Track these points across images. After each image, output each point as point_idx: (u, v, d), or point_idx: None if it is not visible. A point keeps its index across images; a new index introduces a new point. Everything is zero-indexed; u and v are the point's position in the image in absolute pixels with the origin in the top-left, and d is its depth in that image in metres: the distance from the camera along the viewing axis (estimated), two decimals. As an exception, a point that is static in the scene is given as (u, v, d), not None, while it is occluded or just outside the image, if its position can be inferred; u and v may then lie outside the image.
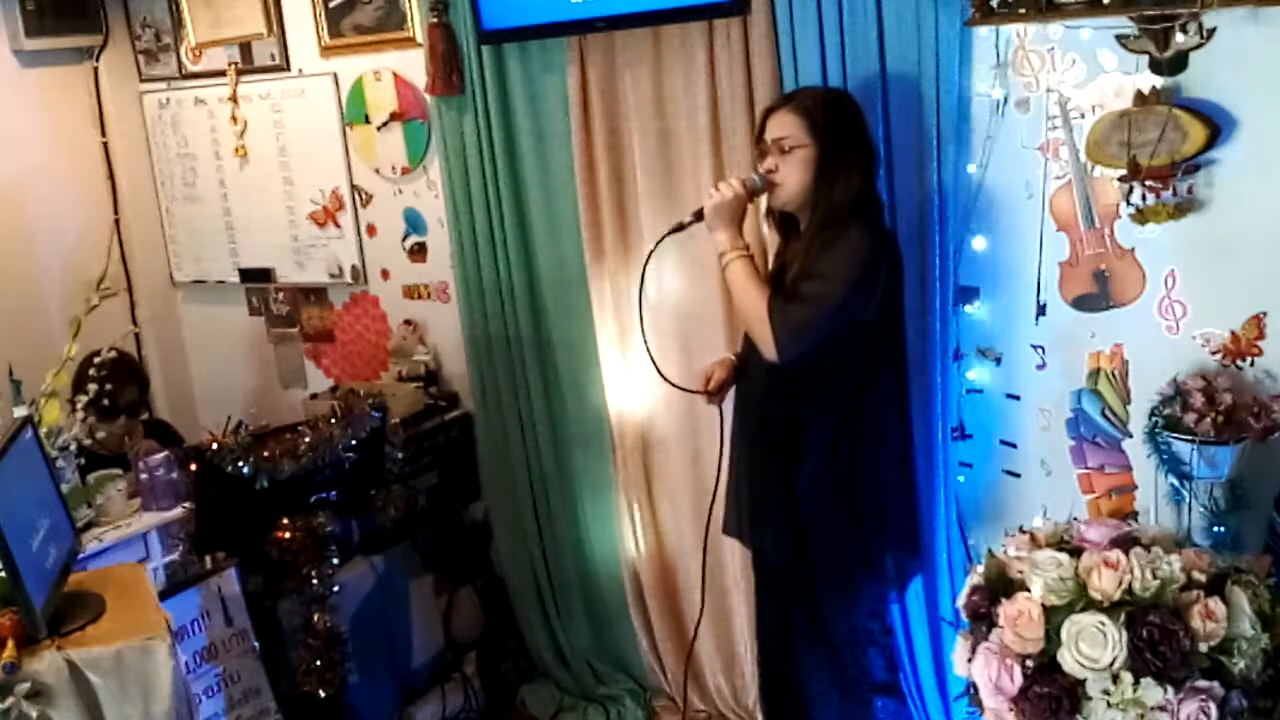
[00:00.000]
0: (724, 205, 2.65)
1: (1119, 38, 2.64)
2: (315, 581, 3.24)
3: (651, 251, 2.87)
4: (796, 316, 2.55)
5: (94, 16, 4.29)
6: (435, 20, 3.55)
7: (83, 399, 2.98)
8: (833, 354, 2.59)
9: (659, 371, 2.91)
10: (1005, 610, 2.25)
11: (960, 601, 2.42)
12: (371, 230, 4.10)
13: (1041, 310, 2.91)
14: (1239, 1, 2.41)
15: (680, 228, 2.80)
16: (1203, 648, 2.13)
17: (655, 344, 2.93)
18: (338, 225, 4.14)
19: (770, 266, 2.91)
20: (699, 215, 2.72)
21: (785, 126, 2.64)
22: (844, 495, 2.69)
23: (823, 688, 2.81)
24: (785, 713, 2.94)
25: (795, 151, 2.63)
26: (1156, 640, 2.10)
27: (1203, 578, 2.21)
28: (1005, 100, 2.84)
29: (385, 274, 4.13)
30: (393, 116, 3.89)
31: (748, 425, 2.84)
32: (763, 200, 2.82)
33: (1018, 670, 2.21)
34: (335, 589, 3.30)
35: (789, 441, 2.68)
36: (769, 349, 2.57)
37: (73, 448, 2.95)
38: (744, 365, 2.85)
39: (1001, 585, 2.32)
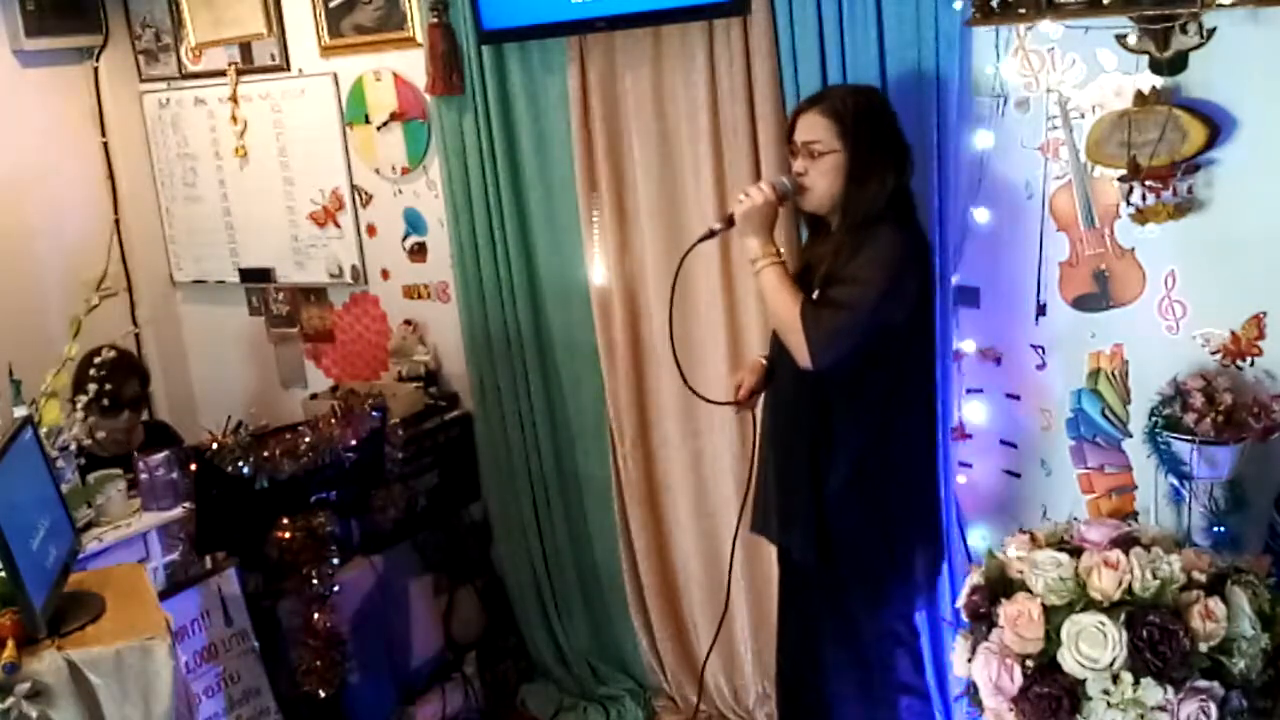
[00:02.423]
0: (754, 211, 2.61)
1: (1119, 38, 2.64)
2: (315, 581, 3.24)
3: (682, 261, 2.82)
4: (829, 323, 2.52)
5: (94, 16, 4.29)
6: (435, 20, 3.55)
7: (82, 399, 2.98)
8: (866, 358, 2.56)
9: (689, 387, 2.90)
10: (1005, 610, 2.25)
11: (960, 601, 2.42)
12: (371, 230, 4.10)
13: (1041, 310, 2.91)
14: (1239, 2, 2.41)
15: (711, 234, 2.77)
16: (1203, 648, 2.13)
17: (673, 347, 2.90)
18: (338, 225, 4.14)
19: (796, 264, 2.87)
20: (730, 222, 2.68)
21: (814, 130, 2.59)
22: (873, 498, 2.66)
23: (846, 690, 2.78)
24: (804, 714, 2.91)
25: (825, 157, 2.59)
26: (1156, 640, 2.10)
27: (1203, 578, 2.21)
28: (1005, 100, 2.84)
29: (385, 274, 4.13)
30: (393, 116, 3.89)
31: (778, 425, 2.81)
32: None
33: (1018, 670, 2.21)
34: (335, 589, 3.30)
35: (819, 443, 2.65)
36: (803, 356, 2.54)
37: (73, 448, 2.95)
38: (774, 367, 2.82)
39: (1001, 585, 2.33)
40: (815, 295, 2.59)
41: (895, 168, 2.59)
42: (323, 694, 3.25)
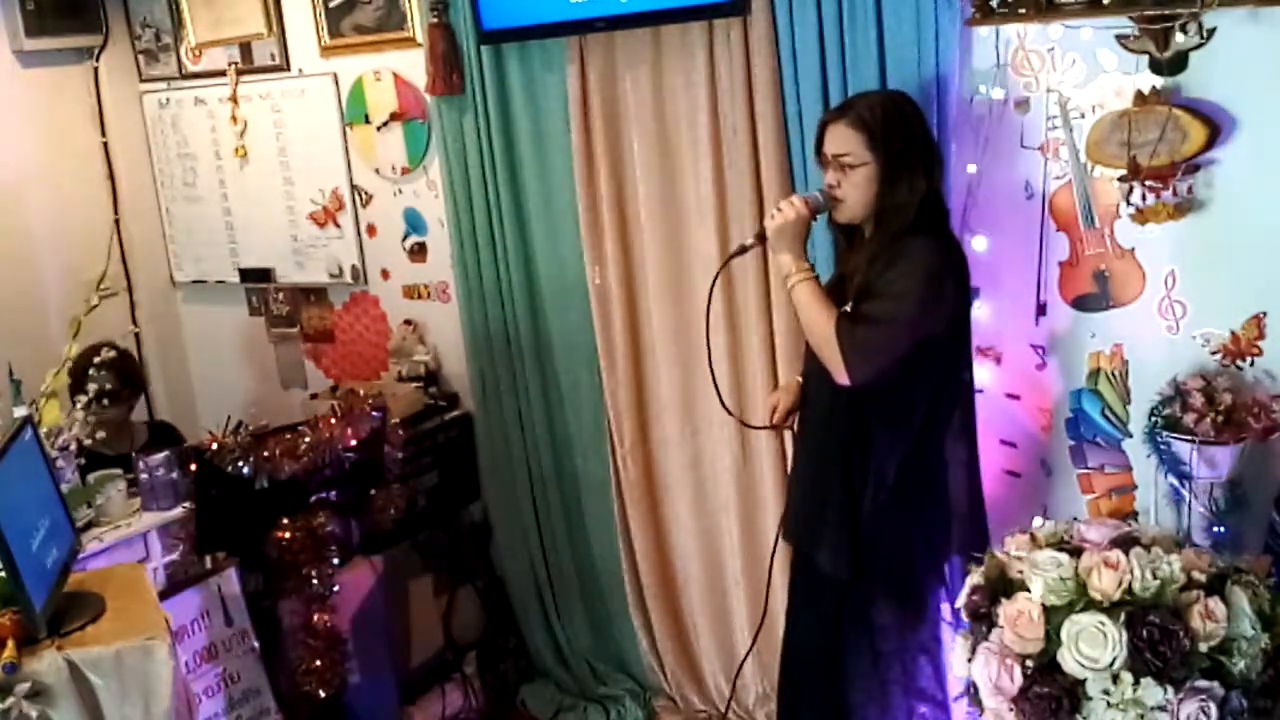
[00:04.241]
0: (787, 226, 2.56)
1: (1119, 38, 2.64)
2: (315, 581, 3.25)
3: (715, 279, 2.80)
4: (866, 338, 2.46)
5: (94, 16, 4.29)
6: (435, 20, 3.55)
7: (82, 399, 2.98)
8: (905, 372, 2.50)
9: (727, 409, 2.89)
10: (1005, 610, 2.24)
11: (960, 601, 2.42)
12: (371, 230, 4.10)
13: (1041, 310, 2.91)
14: (1239, 1, 2.41)
15: (743, 250, 2.73)
16: (1203, 648, 2.12)
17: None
18: (338, 225, 4.14)
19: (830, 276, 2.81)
20: (761, 237, 2.64)
21: (844, 142, 2.54)
22: (914, 513, 2.62)
23: (863, 699, 2.74)
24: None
25: (857, 169, 2.54)
26: (1156, 640, 2.09)
27: (1203, 578, 2.20)
28: (1005, 100, 2.84)
29: (385, 274, 4.12)
30: (393, 116, 3.89)
31: (811, 439, 2.77)
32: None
33: (1018, 670, 2.20)
34: (335, 589, 3.30)
35: (854, 458, 2.60)
36: (839, 373, 2.48)
37: (73, 448, 2.95)
38: (808, 382, 2.77)
39: (1001, 585, 2.32)
40: (850, 308, 2.54)
41: (926, 172, 2.55)
42: (323, 694, 3.26)
